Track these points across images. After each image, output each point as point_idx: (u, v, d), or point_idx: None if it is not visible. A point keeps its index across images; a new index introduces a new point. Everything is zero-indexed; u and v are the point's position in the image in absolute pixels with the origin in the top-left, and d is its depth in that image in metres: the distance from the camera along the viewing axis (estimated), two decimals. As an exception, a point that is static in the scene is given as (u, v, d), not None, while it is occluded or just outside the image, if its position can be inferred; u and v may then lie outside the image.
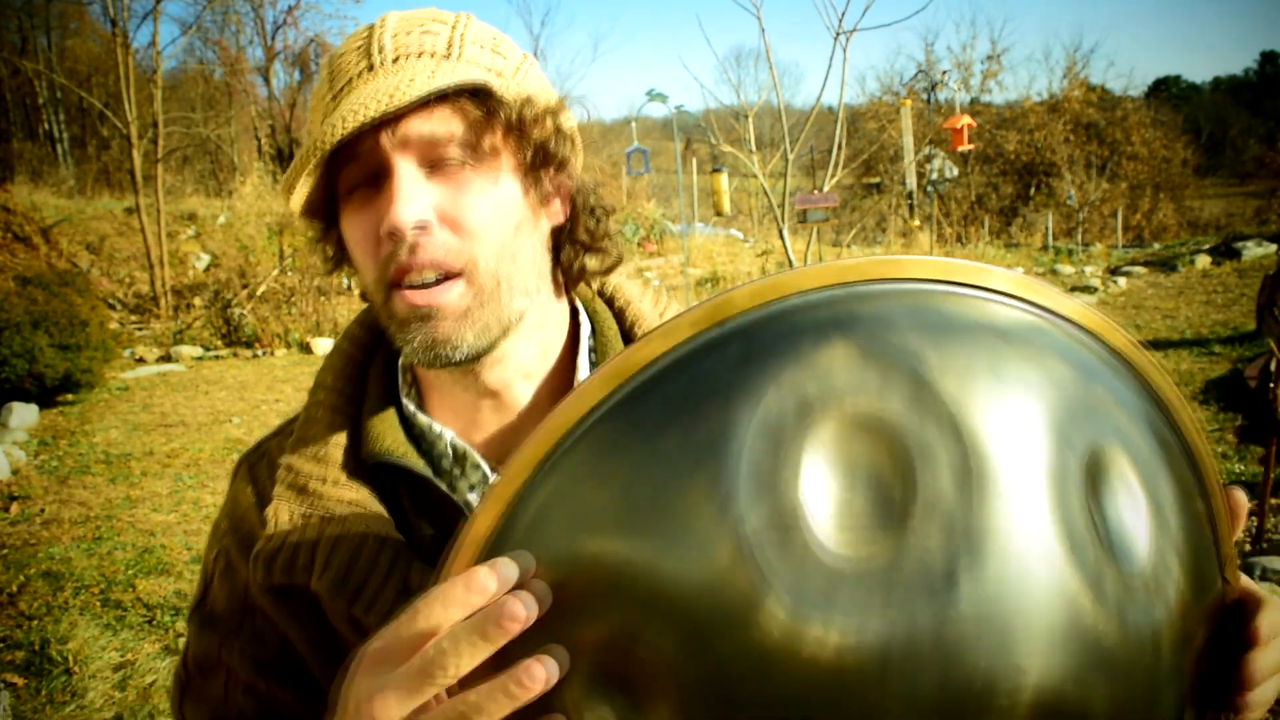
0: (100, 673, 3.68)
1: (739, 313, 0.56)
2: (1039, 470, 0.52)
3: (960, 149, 13.79)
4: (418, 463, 0.87)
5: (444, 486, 0.87)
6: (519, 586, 0.54)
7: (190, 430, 7.50)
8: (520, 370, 0.88)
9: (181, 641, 3.88)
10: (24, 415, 7.47)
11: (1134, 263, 14.52)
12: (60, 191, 19.13)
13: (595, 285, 0.97)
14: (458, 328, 0.81)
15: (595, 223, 0.92)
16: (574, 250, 0.91)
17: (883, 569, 0.49)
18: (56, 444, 7.09)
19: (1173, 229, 22.44)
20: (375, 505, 0.86)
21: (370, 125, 0.75)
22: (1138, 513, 0.55)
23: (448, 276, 0.80)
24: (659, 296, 1.01)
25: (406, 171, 0.78)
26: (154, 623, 4.10)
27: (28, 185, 17.92)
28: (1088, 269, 14.16)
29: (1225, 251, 13.97)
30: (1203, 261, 13.67)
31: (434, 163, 0.80)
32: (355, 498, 0.86)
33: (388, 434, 0.88)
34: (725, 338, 0.55)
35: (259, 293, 12.21)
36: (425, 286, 0.79)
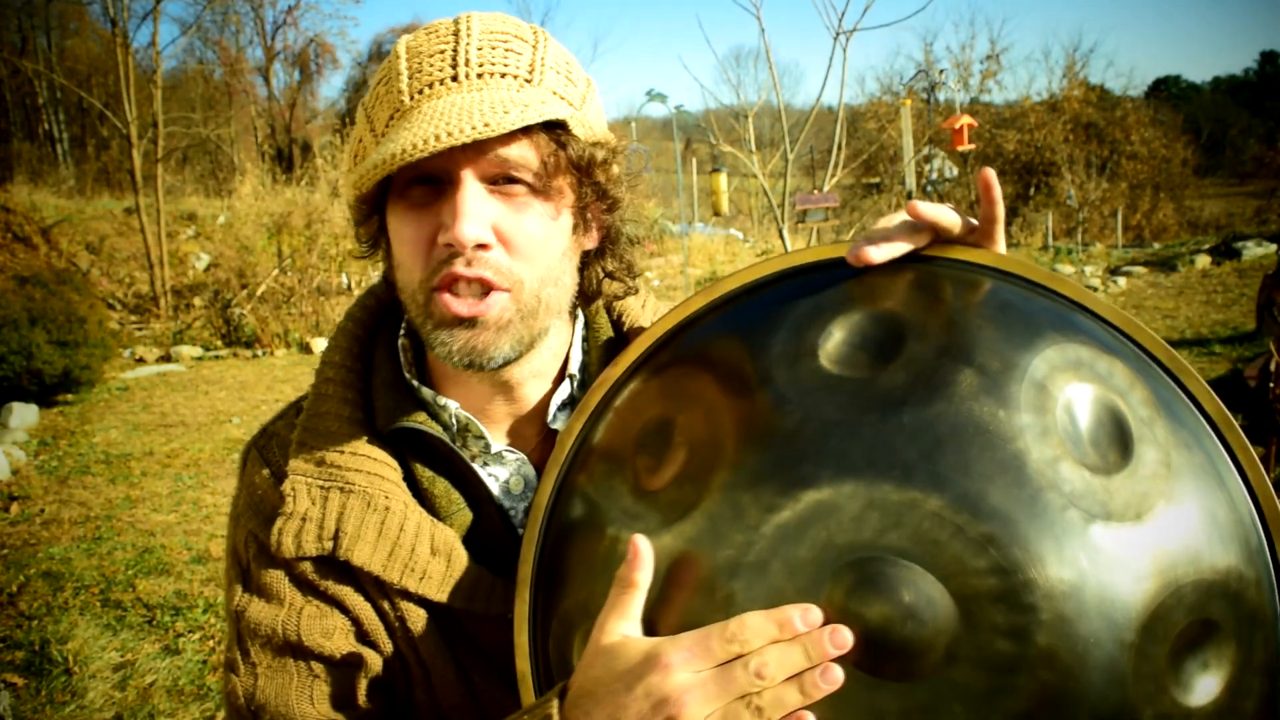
0: (100, 673, 3.68)
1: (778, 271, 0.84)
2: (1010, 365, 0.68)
3: (960, 149, 13.79)
4: (435, 428, 0.93)
5: (458, 449, 0.94)
6: None
7: (190, 430, 7.50)
8: (533, 370, 0.97)
9: (181, 641, 3.88)
10: (24, 415, 7.47)
11: (1134, 263, 14.52)
12: (60, 191, 19.12)
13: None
14: (497, 338, 0.87)
15: (624, 255, 1.01)
16: (599, 273, 1.00)
17: (854, 385, 0.69)
18: (56, 444, 7.09)
19: (1173, 229, 22.42)
20: (393, 472, 0.92)
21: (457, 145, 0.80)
22: (1115, 437, 0.68)
23: (493, 290, 0.86)
24: (648, 300, 1.09)
25: (473, 187, 0.84)
26: (154, 623, 4.09)
27: (28, 185, 17.92)
28: (1088, 269, 14.15)
29: (1225, 251, 13.97)
30: (1203, 261, 13.67)
31: (495, 178, 0.85)
32: (373, 467, 0.91)
33: (403, 405, 0.95)
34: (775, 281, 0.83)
35: (259, 293, 12.21)
36: (470, 297, 0.86)
